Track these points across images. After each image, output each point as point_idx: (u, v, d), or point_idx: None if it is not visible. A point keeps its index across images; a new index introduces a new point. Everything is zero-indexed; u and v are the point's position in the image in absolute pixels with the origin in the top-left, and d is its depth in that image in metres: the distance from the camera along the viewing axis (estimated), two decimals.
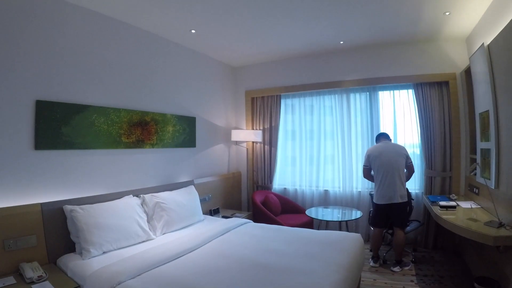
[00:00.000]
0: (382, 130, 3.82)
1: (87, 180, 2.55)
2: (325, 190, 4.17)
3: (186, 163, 3.63)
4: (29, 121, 2.17)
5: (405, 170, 3.12)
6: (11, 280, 1.93)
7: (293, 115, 4.37)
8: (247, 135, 4.22)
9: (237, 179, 4.52)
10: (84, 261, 2.13)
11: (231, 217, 3.36)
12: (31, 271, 1.99)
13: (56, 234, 2.24)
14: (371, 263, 3.14)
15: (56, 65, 2.33)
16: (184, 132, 3.54)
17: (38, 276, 1.97)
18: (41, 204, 2.18)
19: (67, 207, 2.25)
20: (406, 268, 3.03)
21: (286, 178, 4.41)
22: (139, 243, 2.47)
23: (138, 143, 2.94)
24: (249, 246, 2.35)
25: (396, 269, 2.99)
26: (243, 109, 4.60)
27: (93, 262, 2.10)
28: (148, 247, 2.34)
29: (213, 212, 3.58)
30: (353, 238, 2.50)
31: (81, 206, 2.29)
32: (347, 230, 3.45)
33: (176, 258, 2.15)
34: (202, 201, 3.54)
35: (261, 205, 3.69)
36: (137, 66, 3.01)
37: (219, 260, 2.11)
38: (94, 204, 2.36)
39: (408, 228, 3.19)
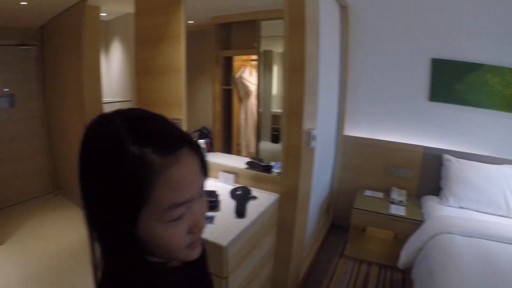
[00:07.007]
0: None
1: (471, 137, 2.61)
2: None
3: None
4: (425, 77, 2.55)
5: None
6: (380, 195, 2.65)
7: None
8: None
9: None
10: (440, 205, 2.34)
11: None
12: (397, 195, 2.52)
13: (429, 175, 2.62)
14: None
15: (449, 25, 2.45)
16: None
17: (399, 201, 2.45)
18: (424, 147, 2.59)
19: (446, 156, 2.49)
20: None
21: None
22: (495, 214, 2.28)
23: None
24: None
25: None
26: None
27: (446, 210, 2.27)
28: (501, 221, 2.18)
29: None
30: None
31: (458, 159, 2.46)
32: None
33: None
34: None
35: None
36: None
37: None
38: (471, 161, 2.46)
39: None
